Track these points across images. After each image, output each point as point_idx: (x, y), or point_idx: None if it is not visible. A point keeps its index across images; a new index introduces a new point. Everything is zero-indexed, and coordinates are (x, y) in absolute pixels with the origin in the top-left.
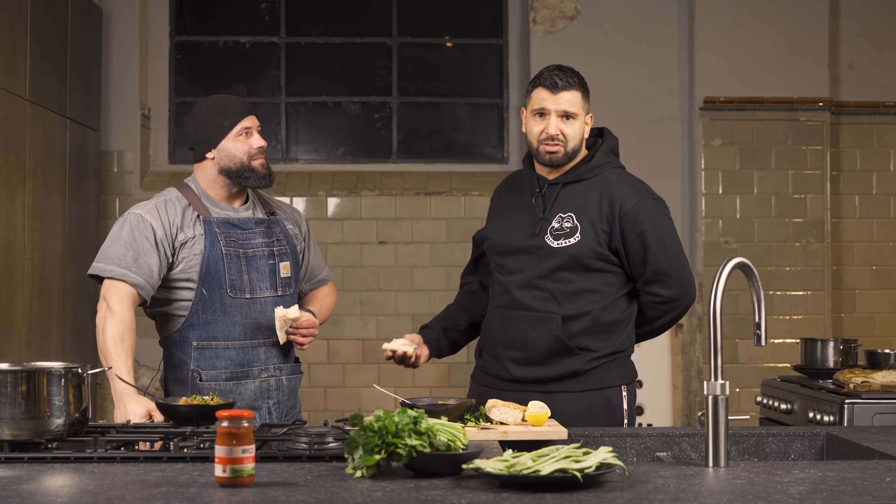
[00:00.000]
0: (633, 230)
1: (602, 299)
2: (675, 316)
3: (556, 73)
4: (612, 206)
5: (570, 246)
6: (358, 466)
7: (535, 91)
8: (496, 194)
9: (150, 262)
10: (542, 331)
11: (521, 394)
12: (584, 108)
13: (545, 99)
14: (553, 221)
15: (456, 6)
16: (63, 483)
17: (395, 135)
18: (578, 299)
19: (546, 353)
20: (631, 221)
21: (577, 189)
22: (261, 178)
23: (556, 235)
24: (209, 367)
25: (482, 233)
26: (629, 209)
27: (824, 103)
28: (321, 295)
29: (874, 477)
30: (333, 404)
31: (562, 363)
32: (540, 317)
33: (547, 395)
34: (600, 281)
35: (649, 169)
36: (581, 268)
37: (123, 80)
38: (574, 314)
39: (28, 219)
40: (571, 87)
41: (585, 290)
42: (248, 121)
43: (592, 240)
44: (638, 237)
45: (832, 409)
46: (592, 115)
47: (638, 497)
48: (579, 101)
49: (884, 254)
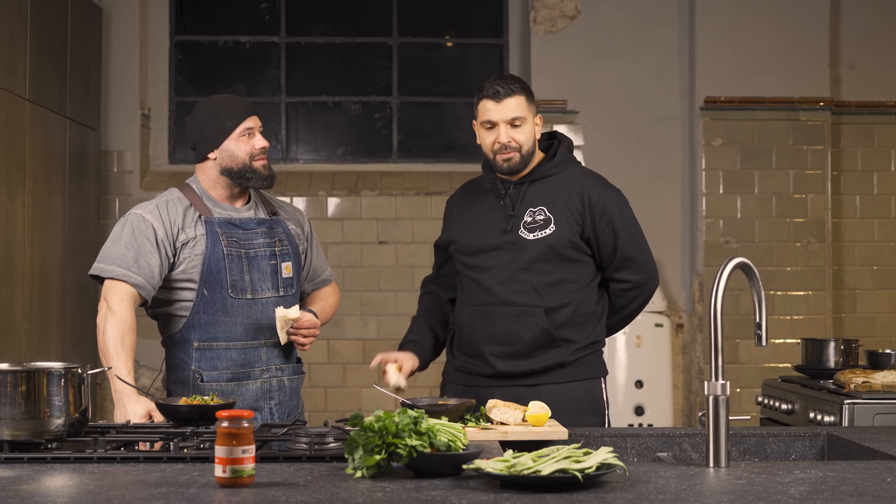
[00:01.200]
0: (602, 219)
1: (579, 290)
2: (642, 302)
3: (497, 83)
4: (581, 197)
5: (546, 237)
6: (358, 467)
7: (480, 104)
8: (452, 201)
9: (150, 263)
10: (526, 324)
11: (505, 389)
12: (530, 110)
13: (490, 110)
14: (525, 216)
15: (456, 6)
16: (63, 483)
17: (395, 134)
18: (558, 290)
19: (532, 346)
20: (600, 211)
21: (543, 185)
22: (262, 178)
23: (531, 228)
24: (210, 367)
25: (446, 237)
26: (597, 199)
27: (825, 103)
28: (323, 295)
29: (875, 477)
30: (334, 404)
31: (546, 355)
32: (522, 311)
33: (533, 387)
34: (576, 272)
35: (650, 169)
36: (558, 258)
37: (123, 80)
38: (555, 306)
39: (28, 219)
40: (514, 93)
41: (563, 280)
42: (251, 121)
43: (567, 230)
44: (608, 225)
45: (833, 410)
46: (541, 117)
47: (638, 497)
48: (524, 105)
49: (885, 254)
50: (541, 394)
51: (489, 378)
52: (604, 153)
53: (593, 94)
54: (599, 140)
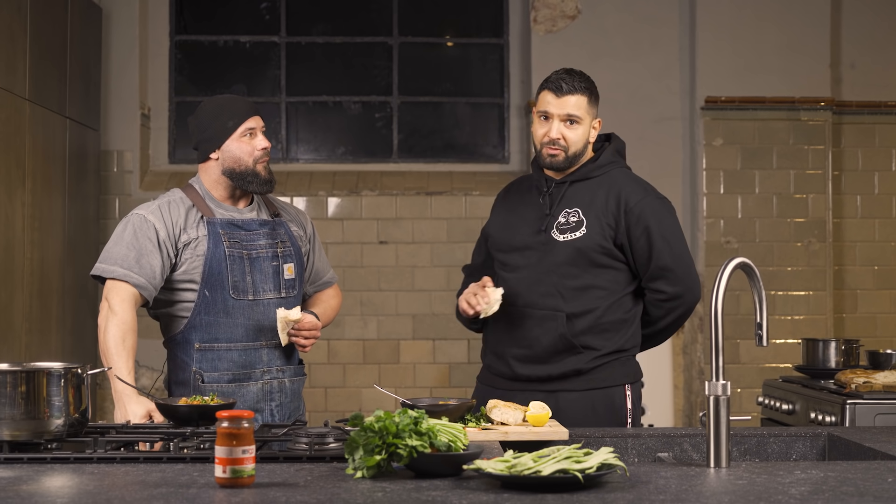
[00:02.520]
0: (637, 225)
1: (607, 297)
2: (680, 315)
3: (563, 76)
4: (618, 201)
5: (575, 239)
6: (358, 467)
7: (542, 93)
8: (501, 193)
9: (152, 263)
10: (546, 329)
11: (525, 393)
12: (590, 112)
13: (549, 102)
14: (559, 217)
15: (457, 5)
16: (63, 484)
17: (395, 134)
18: (584, 295)
19: (550, 351)
20: (636, 217)
21: (583, 186)
22: (263, 183)
23: (562, 230)
24: (211, 368)
25: (486, 230)
26: (634, 205)
27: (826, 103)
28: (326, 297)
29: (876, 478)
30: (334, 405)
31: (565, 361)
32: (544, 315)
33: (551, 393)
34: (605, 277)
35: (651, 169)
36: (586, 262)
37: (123, 80)
38: (578, 312)
39: (27, 219)
40: (576, 92)
41: (590, 286)
42: (253, 121)
43: (598, 234)
44: (643, 232)
45: (834, 410)
46: (601, 120)
47: (639, 498)
48: (584, 105)
49: (886, 254)
50: (558, 402)
51: (510, 381)
52: None
53: None
54: None
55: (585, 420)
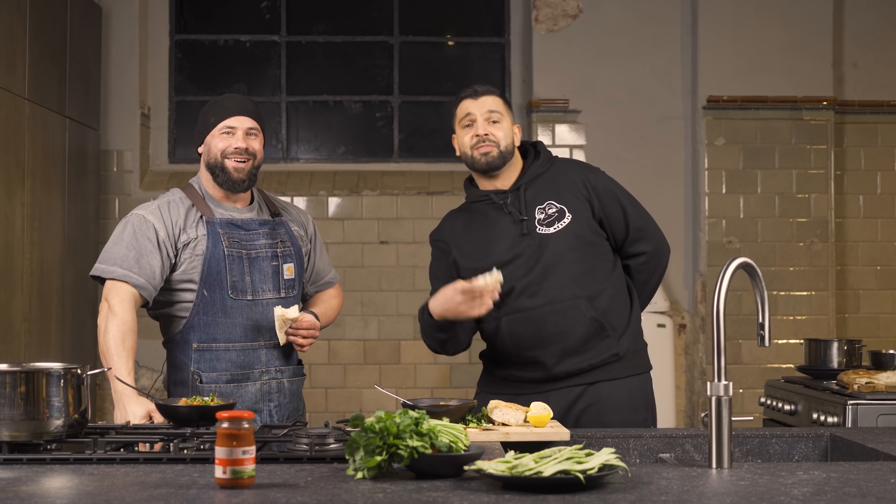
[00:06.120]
0: (606, 197)
1: (607, 275)
2: (661, 272)
3: (473, 85)
4: (582, 182)
5: (567, 226)
6: (359, 468)
7: (459, 106)
8: (442, 235)
9: (152, 263)
10: (573, 318)
11: (561, 391)
12: (507, 114)
13: (469, 106)
14: (536, 214)
15: (458, 4)
16: (62, 485)
17: (396, 134)
18: (592, 277)
19: (583, 339)
20: (602, 190)
21: (539, 182)
22: (233, 182)
23: (548, 223)
24: (209, 369)
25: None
26: (597, 182)
27: (828, 102)
28: (327, 297)
29: (878, 478)
30: (334, 405)
31: (599, 347)
32: (567, 306)
33: (591, 386)
34: (599, 257)
35: (652, 168)
36: (584, 244)
37: (123, 79)
38: (594, 293)
39: (27, 218)
40: (491, 93)
41: (593, 267)
42: (234, 121)
43: (583, 215)
44: (612, 202)
45: (836, 410)
46: (520, 126)
47: (641, 499)
48: (501, 105)
49: (888, 254)
50: (598, 392)
51: (541, 383)
52: (606, 153)
53: (595, 94)
54: (601, 140)
55: (625, 407)
